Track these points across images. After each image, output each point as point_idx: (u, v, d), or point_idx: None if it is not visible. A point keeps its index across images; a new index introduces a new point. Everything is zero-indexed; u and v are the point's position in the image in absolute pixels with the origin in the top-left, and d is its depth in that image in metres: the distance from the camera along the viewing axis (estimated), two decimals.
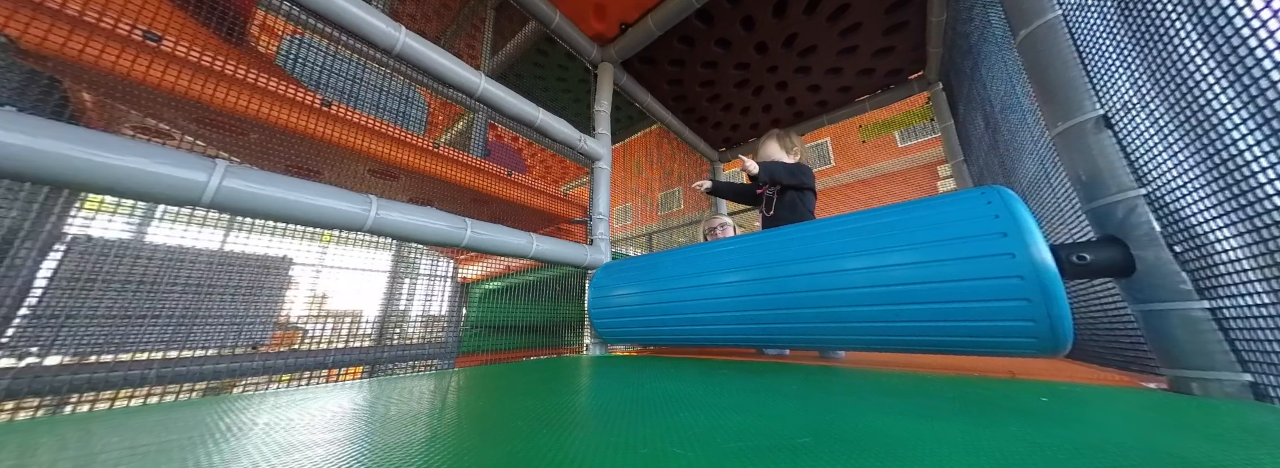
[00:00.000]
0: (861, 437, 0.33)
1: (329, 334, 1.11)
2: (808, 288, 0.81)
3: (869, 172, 8.88)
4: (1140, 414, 0.43)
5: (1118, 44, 0.62)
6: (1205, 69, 0.49)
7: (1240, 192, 0.48)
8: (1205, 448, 0.31)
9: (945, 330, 0.67)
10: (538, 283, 1.62)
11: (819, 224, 0.89)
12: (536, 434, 0.36)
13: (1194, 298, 0.55)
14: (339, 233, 0.86)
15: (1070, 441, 0.33)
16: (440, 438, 0.36)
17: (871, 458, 0.29)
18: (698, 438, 0.34)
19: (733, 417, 0.40)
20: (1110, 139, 0.64)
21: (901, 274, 0.70)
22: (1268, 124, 0.44)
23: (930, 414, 0.41)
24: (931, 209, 0.73)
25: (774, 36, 1.68)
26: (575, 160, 1.62)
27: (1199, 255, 0.54)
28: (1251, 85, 0.44)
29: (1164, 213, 0.58)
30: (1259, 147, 0.45)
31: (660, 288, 1.09)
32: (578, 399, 0.52)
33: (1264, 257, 0.47)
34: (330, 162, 1.34)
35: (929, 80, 1.95)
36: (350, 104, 1.18)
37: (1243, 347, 0.52)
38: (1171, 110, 0.55)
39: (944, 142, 1.96)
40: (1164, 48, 0.55)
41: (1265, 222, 0.46)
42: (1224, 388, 0.52)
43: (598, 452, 0.31)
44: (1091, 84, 0.67)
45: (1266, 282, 0.48)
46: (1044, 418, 0.40)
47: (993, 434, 0.34)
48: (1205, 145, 0.51)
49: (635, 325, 1.16)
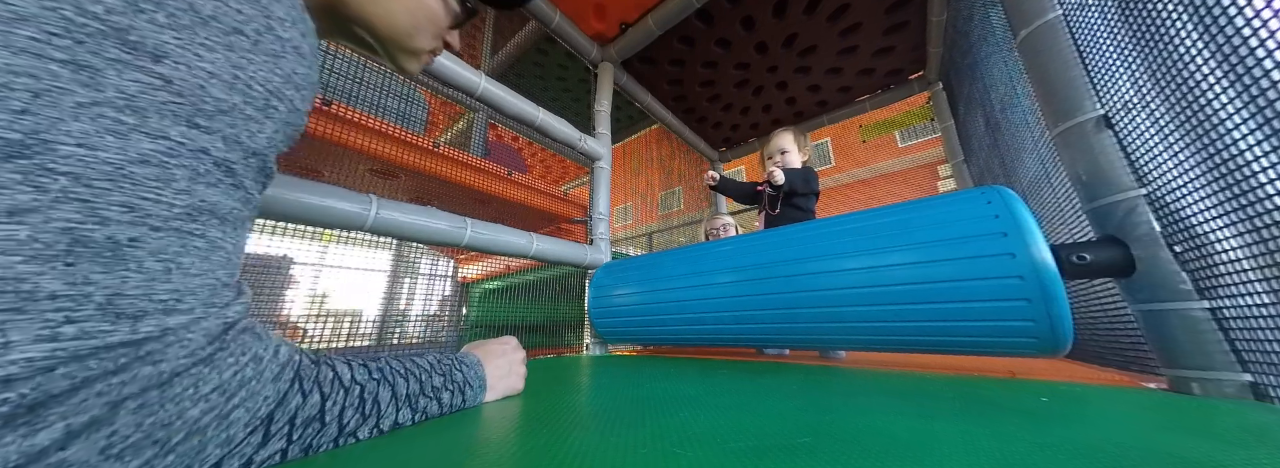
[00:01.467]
0: (861, 437, 0.33)
1: (329, 334, 1.11)
2: (807, 288, 0.81)
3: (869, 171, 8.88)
4: (1140, 414, 0.43)
5: (1118, 44, 0.62)
6: (1206, 69, 0.49)
7: (1241, 191, 0.48)
8: (1205, 448, 0.31)
9: (945, 330, 0.67)
10: (538, 283, 1.62)
11: (819, 224, 0.89)
12: (536, 434, 0.36)
13: (1194, 298, 0.55)
14: (340, 232, 0.86)
15: (1070, 440, 0.33)
16: (439, 438, 0.36)
17: (871, 458, 0.29)
18: (698, 438, 0.34)
19: (733, 417, 0.40)
20: (1110, 139, 0.64)
21: (901, 274, 0.70)
22: (1268, 124, 0.44)
23: (930, 414, 0.41)
24: (932, 209, 0.73)
25: (774, 36, 1.68)
26: (575, 160, 1.62)
27: (1199, 255, 0.54)
28: (1252, 85, 0.44)
29: (1164, 213, 0.58)
30: (1259, 146, 0.45)
31: (661, 288, 1.09)
32: (578, 399, 0.52)
33: (1264, 257, 0.47)
34: (330, 161, 1.34)
35: (929, 80, 1.95)
36: (350, 103, 1.18)
37: (1243, 347, 0.52)
38: (1172, 110, 0.55)
39: (944, 142, 1.96)
40: (1164, 47, 0.55)
41: (1265, 222, 0.46)
42: (1224, 388, 0.52)
43: (598, 451, 0.31)
44: (1092, 84, 0.67)
45: (1266, 282, 0.48)
46: (1044, 418, 0.40)
47: (993, 434, 0.34)
48: (1206, 145, 0.51)
49: (636, 325, 1.16)
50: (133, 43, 0.21)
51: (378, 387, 0.36)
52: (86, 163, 0.19)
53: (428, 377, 0.41)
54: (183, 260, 0.23)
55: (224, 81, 0.24)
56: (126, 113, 0.21)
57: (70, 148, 0.19)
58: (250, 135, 0.26)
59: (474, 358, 0.49)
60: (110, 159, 0.20)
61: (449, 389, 0.43)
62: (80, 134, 0.19)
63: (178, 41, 0.23)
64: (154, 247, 0.22)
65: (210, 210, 0.24)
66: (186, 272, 0.23)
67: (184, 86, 0.23)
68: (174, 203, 0.22)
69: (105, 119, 0.20)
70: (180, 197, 0.23)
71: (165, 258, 0.22)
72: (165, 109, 0.22)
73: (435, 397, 0.42)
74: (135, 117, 0.21)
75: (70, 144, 0.19)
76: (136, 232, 0.21)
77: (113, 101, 0.20)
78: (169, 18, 0.22)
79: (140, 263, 0.21)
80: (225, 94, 0.24)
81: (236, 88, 0.25)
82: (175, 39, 0.22)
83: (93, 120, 0.20)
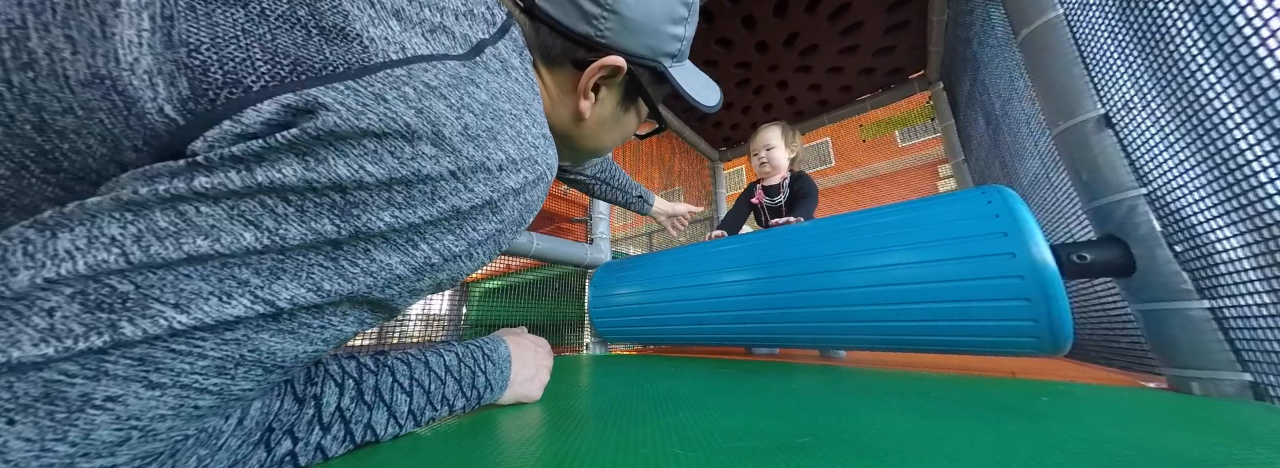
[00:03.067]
0: (861, 437, 0.33)
1: None
2: (807, 287, 0.81)
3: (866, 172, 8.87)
4: (1140, 414, 0.43)
5: (1119, 43, 0.62)
6: (1207, 68, 0.49)
7: (1241, 191, 0.48)
8: (1205, 447, 0.31)
9: (945, 330, 0.67)
10: (538, 282, 1.62)
11: (818, 224, 0.89)
12: (536, 433, 0.36)
13: (1194, 298, 0.55)
14: None
15: (1070, 440, 0.33)
16: (439, 437, 0.36)
17: (871, 458, 0.29)
18: (698, 437, 0.34)
19: (733, 416, 0.40)
20: (1111, 138, 0.64)
21: (901, 274, 0.70)
22: (1269, 123, 0.44)
23: (930, 414, 0.41)
24: (932, 209, 0.73)
25: (775, 36, 1.68)
26: None
27: (1199, 255, 0.54)
28: (1253, 84, 0.44)
29: (1164, 212, 0.58)
30: (1260, 146, 0.45)
31: (661, 287, 1.09)
32: (578, 398, 0.52)
33: (1264, 256, 0.47)
34: None
35: (930, 80, 1.94)
36: None
37: (1243, 347, 0.52)
38: (1172, 109, 0.55)
39: (944, 141, 1.96)
40: (1165, 47, 0.54)
41: (1266, 221, 0.46)
42: (1224, 388, 0.52)
43: (598, 451, 0.31)
44: (1093, 83, 0.67)
45: (1267, 281, 0.48)
46: (1044, 417, 0.40)
47: (993, 434, 0.34)
48: (1206, 144, 0.51)
49: (636, 324, 1.16)
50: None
51: (371, 412, 0.32)
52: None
53: (439, 386, 0.38)
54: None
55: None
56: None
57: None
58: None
59: (504, 354, 0.46)
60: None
61: (465, 396, 0.40)
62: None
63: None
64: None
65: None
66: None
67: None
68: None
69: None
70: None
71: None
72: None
73: (447, 404, 0.38)
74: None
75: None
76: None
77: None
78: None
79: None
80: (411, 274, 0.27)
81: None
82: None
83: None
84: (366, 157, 0.22)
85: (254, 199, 0.20)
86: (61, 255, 0.18)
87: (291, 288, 0.22)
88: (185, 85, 0.20)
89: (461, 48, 0.28)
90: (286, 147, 0.21)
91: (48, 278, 0.18)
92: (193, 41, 0.21)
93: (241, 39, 0.21)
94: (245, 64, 0.21)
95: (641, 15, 0.38)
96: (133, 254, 0.19)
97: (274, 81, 0.21)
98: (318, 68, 0.22)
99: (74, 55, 0.19)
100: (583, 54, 0.39)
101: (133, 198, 0.19)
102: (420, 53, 0.25)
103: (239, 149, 0.20)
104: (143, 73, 0.20)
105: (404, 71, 0.24)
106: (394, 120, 0.22)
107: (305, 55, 0.22)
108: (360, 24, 0.24)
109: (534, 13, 0.38)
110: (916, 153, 8.09)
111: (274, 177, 0.20)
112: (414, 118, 0.23)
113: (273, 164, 0.21)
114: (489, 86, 0.28)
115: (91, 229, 0.19)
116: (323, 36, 0.23)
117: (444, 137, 0.24)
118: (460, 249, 0.27)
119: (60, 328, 0.18)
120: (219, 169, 0.20)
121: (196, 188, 0.20)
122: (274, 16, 0.22)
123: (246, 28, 0.22)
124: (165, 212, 0.20)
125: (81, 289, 0.18)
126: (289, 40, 0.22)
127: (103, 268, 0.18)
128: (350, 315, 0.25)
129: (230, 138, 0.21)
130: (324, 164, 0.21)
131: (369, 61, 0.23)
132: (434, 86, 0.24)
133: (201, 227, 0.20)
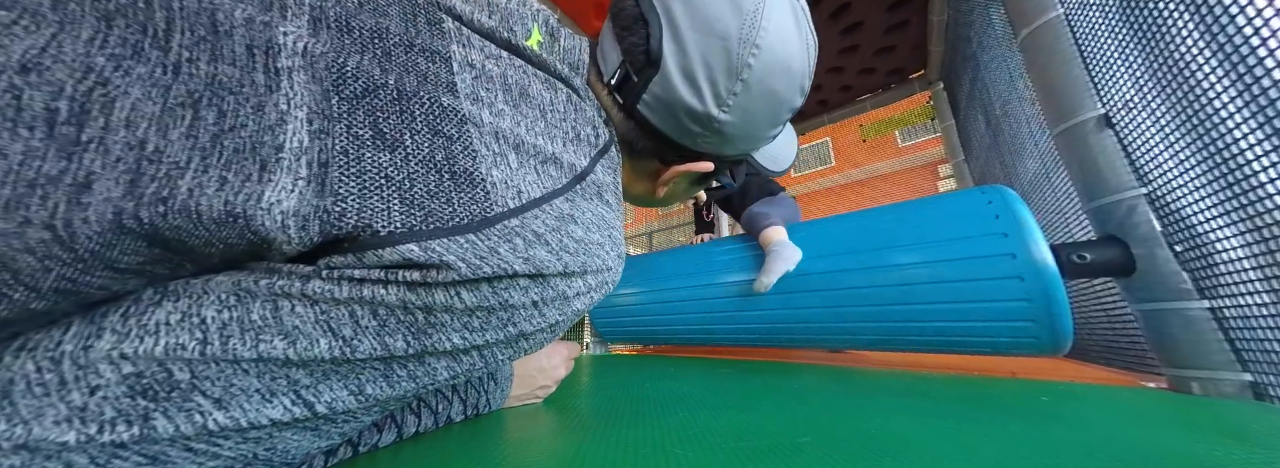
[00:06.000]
0: (861, 437, 0.33)
1: None
2: (807, 287, 0.81)
3: (865, 172, 8.87)
4: (1140, 414, 0.43)
5: (1119, 43, 0.62)
6: (1207, 68, 0.49)
7: (1241, 191, 0.48)
8: (1204, 447, 0.31)
9: (945, 330, 0.67)
10: None
11: (818, 224, 0.89)
12: (535, 433, 0.36)
13: (1194, 298, 0.55)
14: None
15: (1070, 440, 0.33)
16: (439, 437, 0.36)
17: (871, 458, 0.29)
18: (698, 437, 0.34)
19: (733, 416, 0.40)
20: (1111, 138, 0.64)
21: (901, 274, 0.70)
22: (1269, 123, 0.44)
23: (930, 414, 0.41)
24: (932, 209, 0.73)
25: None
26: None
27: (1199, 255, 0.54)
28: (1253, 84, 0.44)
29: (1165, 212, 0.58)
30: (1260, 146, 0.45)
31: (661, 287, 1.10)
32: (578, 398, 0.52)
33: (1264, 256, 0.47)
34: None
35: (930, 79, 1.94)
36: None
37: (1243, 346, 0.52)
38: (1173, 109, 0.55)
39: (945, 141, 1.96)
40: (1165, 46, 0.54)
41: (1266, 221, 0.46)
42: (1224, 388, 0.52)
43: (598, 451, 0.31)
44: (1093, 83, 0.67)
45: (1267, 281, 0.48)
46: (1044, 417, 0.40)
47: (993, 434, 0.34)
48: (1206, 144, 0.51)
49: (636, 324, 1.16)
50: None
51: (380, 434, 0.33)
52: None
53: (447, 406, 0.38)
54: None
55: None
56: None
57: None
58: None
59: (507, 373, 0.46)
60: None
61: (465, 414, 0.40)
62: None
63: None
64: None
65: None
66: None
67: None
68: None
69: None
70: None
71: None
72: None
73: (450, 422, 0.39)
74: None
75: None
76: None
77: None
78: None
79: None
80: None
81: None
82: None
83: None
84: (465, 287, 0.23)
85: (347, 308, 0.21)
86: (149, 329, 0.18)
87: (336, 390, 0.22)
88: (315, 229, 0.20)
89: (566, 177, 0.29)
90: (405, 284, 0.21)
91: (124, 352, 0.17)
92: (341, 192, 0.20)
93: (384, 189, 0.21)
94: (382, 214, 0.21)
95: (743, 132, 0.37)
96: (211, 345, 0.18)
97: (403, 229, 0.21)
98: (445, 219, 0.22)
99: (217, 193, 0.18)
100: (672, 157, 0.39)
101: (248, 287, 0.20)
102: (533, 196, 0.26)
103: (360, 273, 0.21)
104: (278, 215, 0.19)
105: (518, 222, 0.24)
106: (504, 269, 0.23)
107: (436, 208, 0.22)
108: (485, 166, 0.24)
109: (633, 115, 0.37)
110: (916, 153, 8.10)
111: (380, 294, 0.21)
112: (521, 265, 0.24)
113: (383, 286, 0.21)
114: (584, 218, 0.28)
115: (191, 306, 0.19)
116: (453, 182, 0.23)
117: (543, 276, 0.25)
118: (506, 356, 0.28)
119: (92, 410, 0.17)
120: (337, 281, 0.21)
121: (308, 291, 0.20)
122: (416, 161, 0.23)
123: (390, 175, 0.22)
124: (265, 305, 0.20)
125: (139, 372, 0.18)
126: (423, 188, 0.22)
127: (175, 354, 0.18)
128: (375, 409, 0.25)
129: (351, 265, 0.21)
130: (429, 293, 0.22)
131: (490, 211, 0.24)
132: (541, 234, 0.25)
133: (286, 328, 0.20)
